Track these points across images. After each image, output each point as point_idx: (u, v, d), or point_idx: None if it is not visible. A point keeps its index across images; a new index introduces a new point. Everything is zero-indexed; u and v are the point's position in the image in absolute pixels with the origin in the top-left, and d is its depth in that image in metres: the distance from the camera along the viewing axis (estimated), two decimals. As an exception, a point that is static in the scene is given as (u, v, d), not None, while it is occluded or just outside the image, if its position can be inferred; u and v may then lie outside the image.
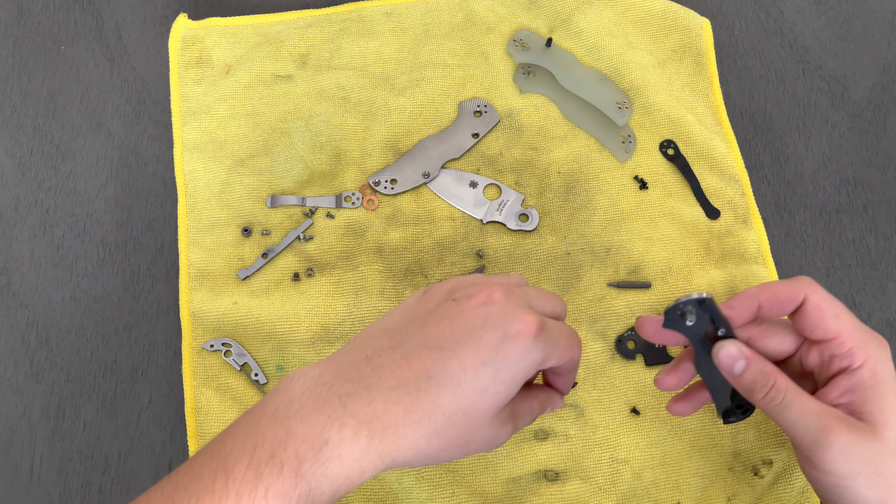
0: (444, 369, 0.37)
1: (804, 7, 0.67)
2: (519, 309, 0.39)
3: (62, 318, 0.56)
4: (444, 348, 0.38)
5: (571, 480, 0.52)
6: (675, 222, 0.58)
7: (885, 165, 0.62)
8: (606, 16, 0.63)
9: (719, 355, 0.43)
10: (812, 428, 0.40)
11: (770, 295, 0.43)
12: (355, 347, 0.40)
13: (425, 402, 0.37)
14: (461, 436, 0.38)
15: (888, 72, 0.65)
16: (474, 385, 0.37)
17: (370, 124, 0.60)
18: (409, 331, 0.40)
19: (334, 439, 0.35)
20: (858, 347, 0.42)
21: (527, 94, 0.61)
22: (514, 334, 0.38)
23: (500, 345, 0.38)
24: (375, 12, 0.63)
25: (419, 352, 0.38)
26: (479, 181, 0.59)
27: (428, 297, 0.42)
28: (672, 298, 0.56)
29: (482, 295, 0.40)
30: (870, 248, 0.60)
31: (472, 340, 0.38)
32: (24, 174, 0.59)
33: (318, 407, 0.36)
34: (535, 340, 0.39)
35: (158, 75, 0.62)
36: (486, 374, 0.38)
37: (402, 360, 0.38)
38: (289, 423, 0.36)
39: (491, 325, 0.38)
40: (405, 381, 0.37)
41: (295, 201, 0.58)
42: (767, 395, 0.42)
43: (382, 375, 0.37)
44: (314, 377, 0.38)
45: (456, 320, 0.39)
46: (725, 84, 0.64)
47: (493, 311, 0.39)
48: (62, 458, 0.52)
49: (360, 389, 0.37)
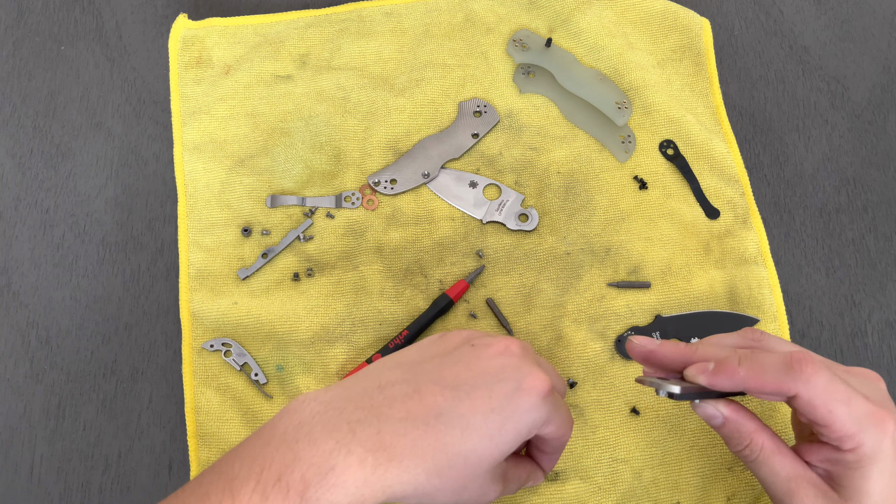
0: (455, 409, 0.38)
1: (804, 7, 0.67)
2: (534, 366, 0.40)
3: (62, 318, 0.56)
4: (458, 389, 0.38)
5: (571, 480, 0.52)
6: (674, 222, 0.58)
7: (885, 165, 0.62)
8: (606, 16, 0.63)
9: (697, 411, 0.43)
10: (780, 490, 0.41)
11: (758, 385, 0.39)
12: (369, 375, 0.40)
13: (432, 438, 0.37)
14: (458, 479, 0.38)
15: (888, 72, 0.65)
16: (482, 430, 0.38)
17: (370, 124, 0.60)
18: (425, 368, 0.40)
19: (340, 466, 0.35)
20: (849, 437, 0.39)
21: (526, 94, 0.61)
22: (527, 388, 0.39)
23: (512, 396, 0.39)
24: (375, 12, 0.63)
25: (432, 388, 0.38)
26: (478, 181, 0.59)
27: (446, 340, 0.43)
28: (672, 299, 0.56)
29: (500, 345, 0.41)
30: (869, 247, 0.60)
31: (486, 387, 0.39)
32: (24, 174, 0.59)
33: (327, 431, 0.36)
34: (544, 400, 0.39)
35: (158, 75, 0.63)
36: (495, 422, 0.38)
37: (414, 394, 0.38)
38: (297, 446, 0.36)
39: (505, 376, 0.39)
40: (415, 414, 0.37)
41: (295, 201, 0.58)
42: (742, 452, 0.42)
43: (393, 406, 0.37)
44: (325, 401, 0.38)
45: (472, 364, 0.40)
46: (725, 84, 0.64)
47: (509, 362, 0.40)
48: (62, 458, 0.53)
49: (371, 417, 0.37)
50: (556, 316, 0.55)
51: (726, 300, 0.56)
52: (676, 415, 0.53)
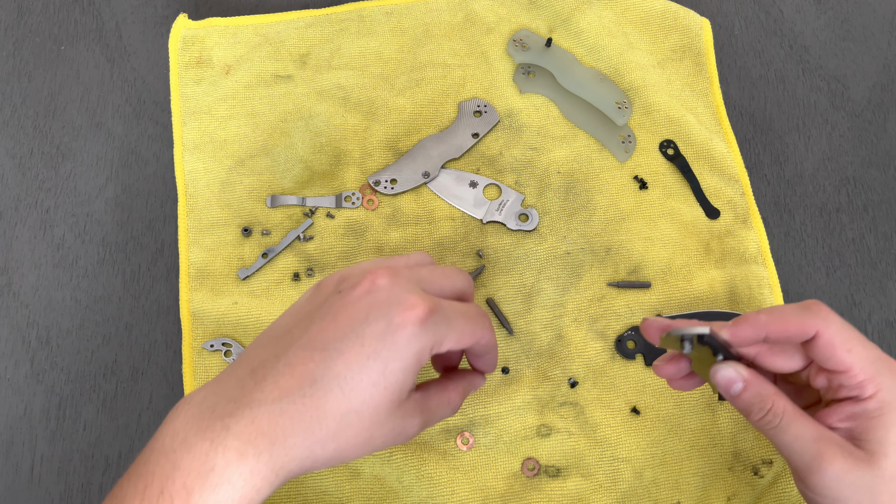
0: (329, 370, 0.36)
1: (804, 7, 0.67)
2: (406, 293, 0.37)
3: (62, 318, 0.56)
4: (328, 348, 0.36)
5: (572, 477, 0.52)
6: (675, 222, 0.58)
7: (885, 165, 0.62)
8: (606, 16, 0.63)
9: (716, 377, 0.41)
10: (807, 453, 0.40)
11: (780, 327, 0.40)
12: (242, 361, 0.38)
13: (312, 408, 0.36)
14: (359, 434, 0.37)
15: (888, 72, 0.65)
16: (363, 382, 0.36)
17: (370, 124, 0.60)
18: (294, 334, 0.38)
19: (220, 464, 0.34)
20: (869, 380, 0.40)
21: (527, 94, 0.62)
22: (399, 322, 0.37)
23: (384, 336, 0.36)
24: (375, 12, 0.63)
25: (302, 356, 0.37)
26: (479, 181, 0.59)
27: (317, 292, 0.40)
28: (672, 299, 0.56)
29: (365, 282, 0.38)
30: (870, 247, 0.60)
31: (356, 335, 0.36)
32: (24, 174, 0.59)
33: (201, 434, 0.35)
34: (422, 326, 0.37)
35: (158, 75, 0.63)
36: (374, 369, 0.36)
37: (284, 368, 0.36)
38: (175, 455, 0.35)
39: (374, 316, 0.37)
40: (289, 390, 0.36)
41: (295, 201, 0.58)
42: (764, 418, 0.41)
43: (265, 388, 0.36)
44: (198, 402, 0.37)
45: (339, 315, 0.37)
46: (725, 84, 0.64)
47: (377, 299, 0.37)
48: (62, 458, 0.53)
49: (243, 408, 0.35)
50: (557, 315, 0.55)
51: (726, 300, 0.56)
52: (677, 415, 0.53)
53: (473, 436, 0.52)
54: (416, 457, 0.51)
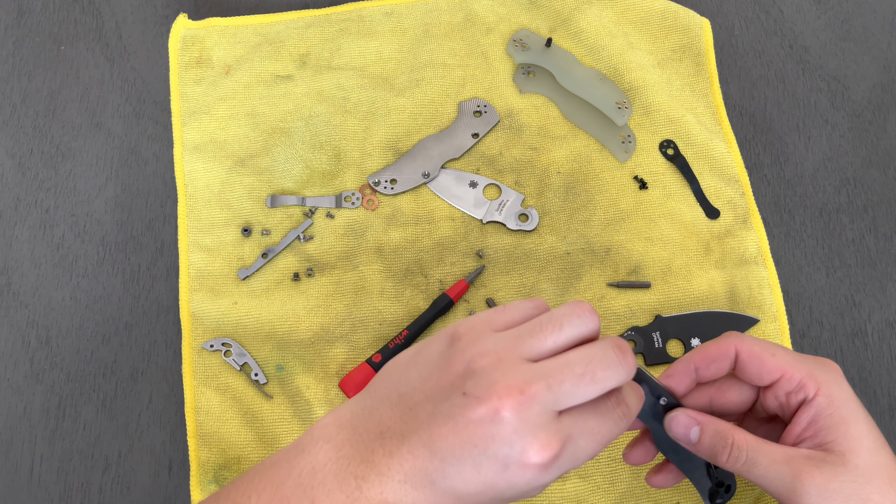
0: (447, 480, 0.35)
1: (804, 7, 0.67)
2: (530, 433, 0.35)
3: (62, 318, 0.56)
4: (445, 461, 0.35)
5: (571, 478, 0.52)
6: (674, 222, 0.58)
7: (885, 165, 0.62)
8: (606, 16, 0.63)
9: (671, 426, 0.42)
10: (784, 477, 0.40)
11: (703, 356, 0.43)
12: (373, 414, 0.38)
13: (430, 500, 0.36)
14: None
15: (888, 72, 0.65)
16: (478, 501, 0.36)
17: (370, 124, 0.60)
18: (419, 417, 0.37)
19: None
20: (807, 377, 0.41)
21: (527, 94, 0.61)
22: (519, 465, 0.35)
23: (503, 472, 0.35)
24: (375, 12, 0.63)
25: (423, 452, 0.36)
26: (478, 181, 0.59)
27: (449, 360, 0.37)
28: (672, 299, 0.56)
29: (490, 406, 0.35)
30: (870, 247, 0.60)
31: (473, 464, 0.35)
32: (24, 174, 0.59)
33: (338, 484, 0.36)
34: (547, 469, 0.35)
35: (158, 75, 0.63)
36: (488, 495, 0.36)
37: (408, 455, 0.36)
38: (313, 493, 0.36)
39: (493, 451, 0.35)
40: (412, 476, 0.36)
41: (295, 201, 0.58)
42: (731, 455, 0.41)
43: (392, 465, 0.36)
44: (336, 447, 0.37)
45: (460, 429, 0.35)
46: (725, 84, 0.64)
47: (497, 432, 0.35)
48: (62, 458, 0.52)
49: (373, 475, 0.36)
50: (556, 316, 0.55)
51: (726, 300, 0.56)
52: (676, 415, 0.53)
53: (473, 436, 0.52)
54: (415, 457, 0.51)
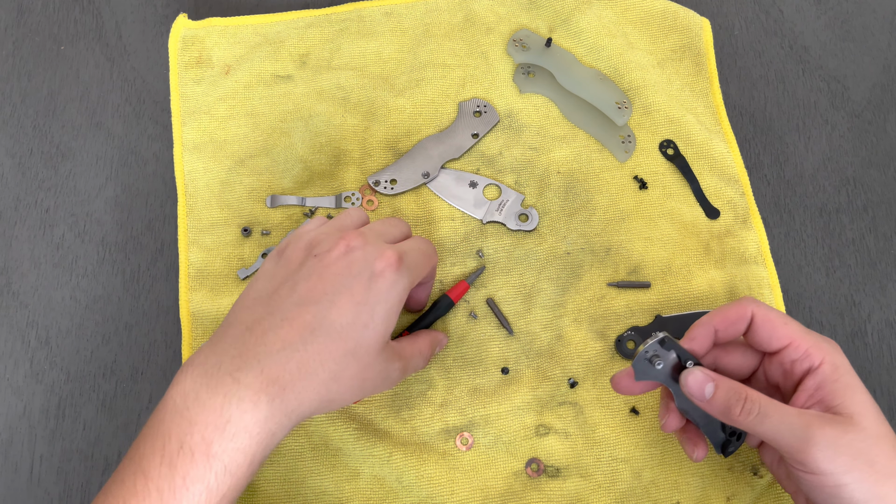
0: (326, 319, 0.41)
1: (804, 7, 0.67)
2: (377, 248, 0.44)
3: (62, 318, 0.56)
4: (321, 301, 0.41)
5: (571, 477, 0.52)
6: (674, 222, 0.58)
7: (885, 165, 0.62)
8: (606, 16, 0.63)
9: (687, 383, 0.44)
10: (795, 429, 0.41)
11: (722, 318, 0.45)
12: (232, 322, 0.42)
13: (315, 353, 0.40)
14: (356, 375, 0.42)
15: (888, 72, 0.65)
16: (356, 325, 0.41)
17: (370, 124, 0.60)
18: (281, 294, 0.42)
19: (235, 414, 0.38)
20: (814, 347, 0.44)
21: (526, 94, 0.61)
22: (380, 272, 0.43)
23: (369, 285, 0.42)
24: (375, 12, 0.63)
25: (297, 311, 0.41)
26: (478, 181, 0.59)
27: (288, 259, 0.45)
28: (672, 299, 0.56)
29: (341, 245, 0.44)
30: (869, 247, 0.60)
31: (345, 288, 0.42)
32: (24, 174, 0.59)
33: (212, 389, 0.38)
34: (398, 271, 0.43)
35: (158, 75, 0.63)
36: (365, 313, 0.42)
37: (282, 323, 0.41)
38: (189, 413, 0.38)
39: (356, 271, 0.42)
40: (291, 340, 0.40)
41: (295, 201, 0.58)
42: (744, 409, 0.42)
43: (267, 342, 0.40)
44: (201, 363, 0.40)
45: (324, 274, 0.42)
46: (725, 84, 0.64)
47: (355, 257, 0.43)
48: (62, 458, 0.53)
49: (250, 360, 0.39)
50: (557, 316, 0.55)
51: (726, 300, 0.56)
52: (676, 415, 0.53)
53: (473, 436, 0.52)
54: (415, 457, 0.51)
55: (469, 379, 0.54)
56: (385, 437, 0.52)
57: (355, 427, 0.51)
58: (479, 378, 0.54)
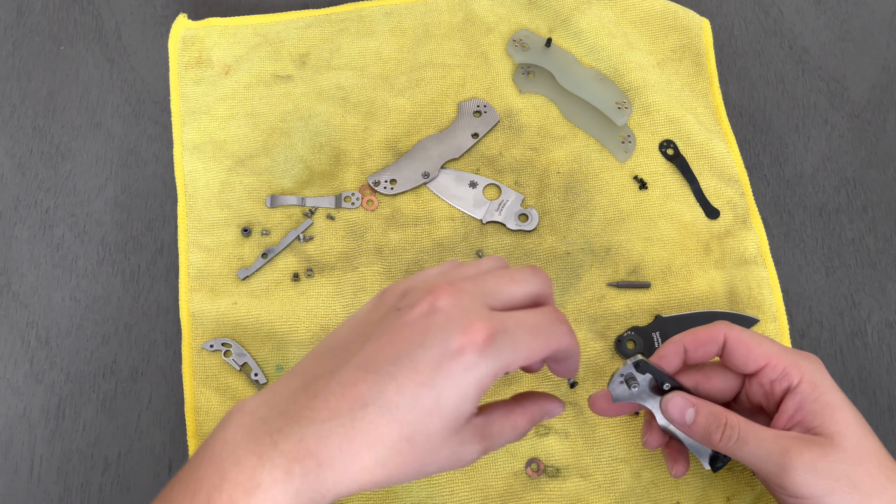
0: (381, 395, 0.34)
1: (804, 7, 0.67)
2: (466, 317, 0.35)
3: (62, 318, 0.56)
4: (380, 371, 0.34)
5: (571, 478, 0.52)
6: (674, 222, 0.58)
7: (885, 165, 0.62)
8: (606, 16, 0.63)
9: (668, 408, 0.43)
10: (773, 454, 0.41)
11: (692, 338, 0.45)
12: (298, 372, 0.37)
13: (362, 432, 0.34)
14: (410, 462, 0.35)
15: (888, 72, 0.65)
16: (415, 410, 0.34)
17: (370, 124, 0.60)
18: (350, 349, 0.36)
19: (266, 481, 0.33)
20: (791, 366, 0.43)
21: (526, 94, 0.61)
22: (456, 350, 0.34)
23: (440, 363, 0.34)
24: (375, 12, 0.63)
25: (355, 376, 0.35)
26: (478, 181, 0.59)
27: (379, 304, 0.38)
28: (671, 299, 0.56)
29: (425, 303, 0.36)
30: (869, 248, 0.60)
31: (410, 361, 0.34)
32: (23, 174, 0.59)
33: (250, 448, 0.34)
34: (482, 353, 0.34)
35: (158, 75, 0.63)
36: (428, 397, 0.34)
37: (337, 388, 0.35)
38: (223, 465, 0.34)
39: (430, 342, 0.34)
40: (340, 411, 0.34)
41: (295, 201, 0.58)
42: (724, 435, 0.42)
43: (316, 406, 0.34)
44: (251, 412, 0.36)
45: (396, 336, 0.35)
46: (725, 84, 0.64)
47: (435, 322, 0.35)
48: (62, 458, 0.52)
49: (292, 424, 0.34)
50: (556, 316, 0.55)
51: (726, 300, 0.56)
52: (676, 415, 0.53)
53: (473, 436, 0.52)
54: (415, 457, 0.51)
55: (469, 379, 0.54)
56: (385, 437, 0.52)
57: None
58: (479, 378, 0.54)
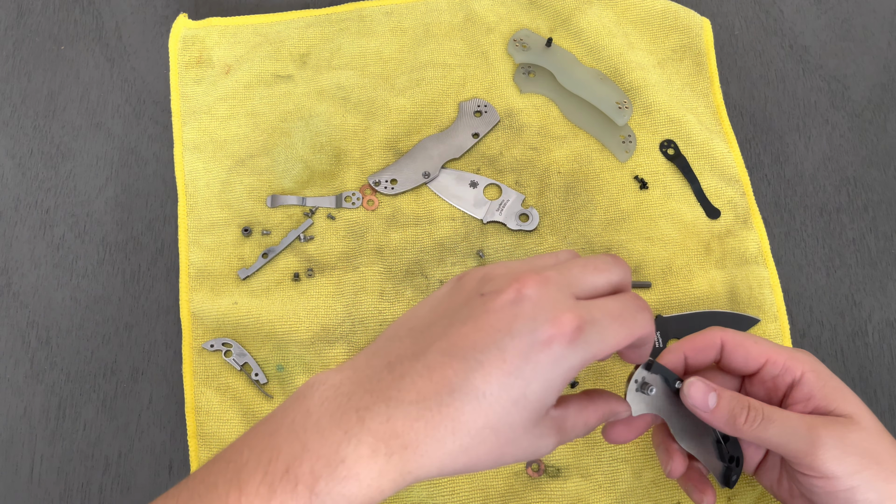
0: (468, 382, 0.34)
1: (804, 7, 0.67)
2: (554, 307, 0.35)
3: (62, 318, 0.56)
4: (468, 357, 0.34)
5: (572, 477, 0.52)
6: (675, 222, 0.58)
7: (885, 165, 0.62)
8: (606, 16, 0.63)
9: (690, 393, 0.42)
10: (801, 431, 0.40)
11: (691, 345, 0.45)
12: (379, 351, 0.37)
13: (448, 418, 0.34)
14: (492, 451, 0.35)
15: (888, 71, 0.65)
16: (502, 399, 0.34)
17: (370, 124, 0.60)
18: (433, 332, 0.36)
19: (351, 457, 0.33)
20: (791, 360, 0.43)
21: (527, 93, 0.61)
22: (545, 340, 0.34)
23: (528, 353, 0.34)
24: (375, 12, 0.63)
25: (441, 360, 0.34)
26: (479, 181, 0.59)
27: (459, 288, 0.38)
28: (672, 299, 0.56)
29: (511, 290, 0.35)
30: (870, 247, 0.60)
31: (498, 349, 0.34)
32: (24, 174, 0.59)
33: (335, 421, 0.34)
34: (571, 344, 0.34)
35: (158, 75, 0.62)
36: (516, 387, 0.34)
37: (423, 370, 0.34)
38: (305, 436, 0.33)
39: (518, 330, 0.34)
40: (427, 394, 0.34)
41: (295, 201, 0.58)
42: (749, 417, 0.41)
43: (403, 387, 0.34)
44: (334, 386, 0.35)
45: (481, 322, 0.35)
46: (725, 84, 0.64)
47: (522, 310, 0.35)
48: (62, 458, 0.52)
49: (379, 403, 0.34)
50: (557, 316, 0.55)
51: (727, 300, 0.56)
52: (677, 414, 0.53)
53: (473, 436, 0.52)
54: (416, 457, 0.51)
55: (469, 379, 0.54)
56: (385, 437, 0.51)
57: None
58: (479, 378, 0.54)
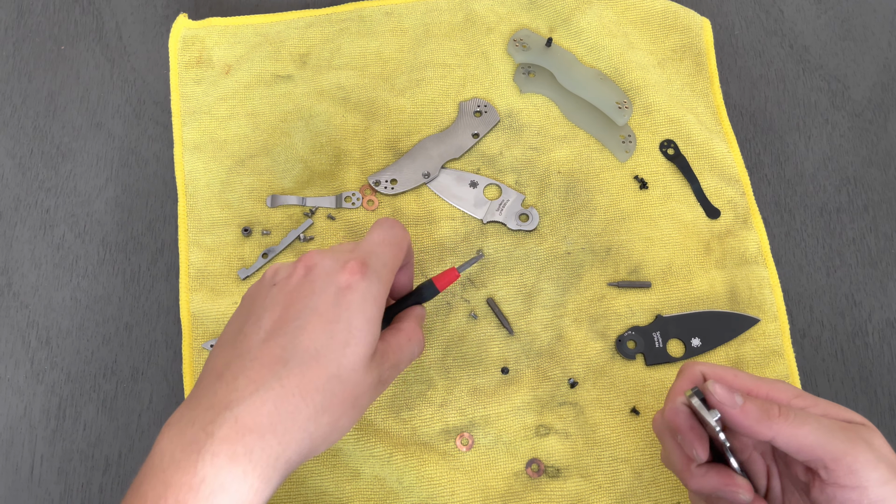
0: (297, 348, 0.37)
1: (804, 7, 0.67)
2: (336, 260, 0.40)
3: (62, 318, 0.56)
4: (287, 331, 0.37)
5: (572, 478, 0.52)
6: (675, 222, 0.58)
7: (886, 165, 0.62)
8: (606, 16, 0.63)
9: (716, 390, 0.39)
10: (838, 431, 0.37)
11: (678, 391, 0.42)
12: (206, 372, 0.39)
13: (292, 386, 0.36)
14: (346, 398, 0.37)
15: (888, 71, 0.65)
16: (333, 345, 0.37)
17: (370, 124, 0.60)
18: (247, 332, 0.39)
19: (210, 473, 0.34)
20: (773, 390, 0.41)
21: (527, 93, 0.61)
22: (345, 285, 0.39)
23: (337, 300, 0.38)
24: (375, 12, 0.63)
25: (266, 345, 0.37)
26: (479, 181, 0.59)
27: (251, 295, 0.42)
28: (672, 299, 0.56)
29: (300, 267, 0.40)
30: (870, 247, 0.60)
31: (311, 310, 0.38)
32: (24, 174, 0.59)
33: (187, 449, 0.35)
34: (365, 277, 0.39)
35: (158, 75, 0.63)
36: (340, 330, 0.38)
37: (252, 363, 0.37)
38: (165, 474, 0.34)
39: (320, 288, 0.39)
40: (264, 378, 0.36)
41: (295, 201, 0.58)
42: (783, 411, 0.38)
43: (239, 387, 0.36)
44: (177, 420, 0.36)
45: (287, 302, 0.39)
46: (725, 84, 0.64)
47: (315, 275, 0.39)
48: (62, 458, 0.52)
49: (223, 412, 0.35)
50: (557, 315, 0.55)
51: (727, 300, 0.56)
52: (677, 414, 0.53)
53: (473, 436, 0.52)
54: (416, 457, 0.51)
55: (469, 379, 0.54)
56: (385, 437, 0.52)
57: (355, 428, 0.51)
58: (479, 378, 0.54)
